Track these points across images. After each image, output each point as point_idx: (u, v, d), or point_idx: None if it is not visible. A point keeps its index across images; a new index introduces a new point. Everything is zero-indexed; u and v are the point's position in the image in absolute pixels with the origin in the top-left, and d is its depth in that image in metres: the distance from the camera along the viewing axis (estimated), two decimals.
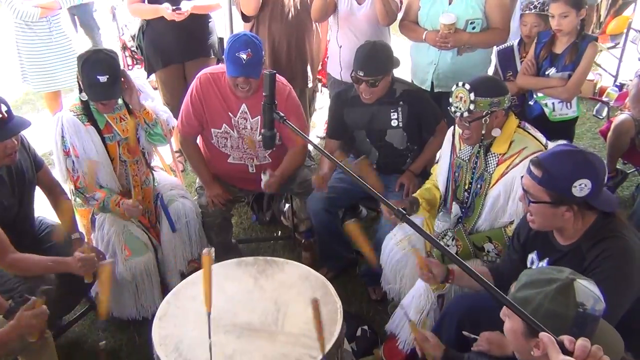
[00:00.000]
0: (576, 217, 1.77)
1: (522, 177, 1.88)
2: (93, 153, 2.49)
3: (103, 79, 2.35)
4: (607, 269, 1.69)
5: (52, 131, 2.51)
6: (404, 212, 1.40)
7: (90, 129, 2.50)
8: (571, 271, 1.41)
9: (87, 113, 2.50)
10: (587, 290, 1.36)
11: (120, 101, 2.57)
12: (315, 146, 1.73)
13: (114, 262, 2.49)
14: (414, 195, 2.56)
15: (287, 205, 3.41)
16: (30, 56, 3.87)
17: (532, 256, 1.97)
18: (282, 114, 1.74)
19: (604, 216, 1.78)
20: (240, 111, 2.73)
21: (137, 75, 2.82)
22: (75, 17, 5.06)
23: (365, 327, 2.66)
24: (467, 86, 2.18)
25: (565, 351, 1.01)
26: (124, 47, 4.73)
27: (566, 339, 1.03)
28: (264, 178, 2.71)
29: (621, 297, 1.69)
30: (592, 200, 1.74)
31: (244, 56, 2.51)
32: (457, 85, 2.23)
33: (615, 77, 4.91)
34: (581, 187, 1.69)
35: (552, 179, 1.72)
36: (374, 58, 2.60)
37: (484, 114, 2.19)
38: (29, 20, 3.72)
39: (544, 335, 1.03)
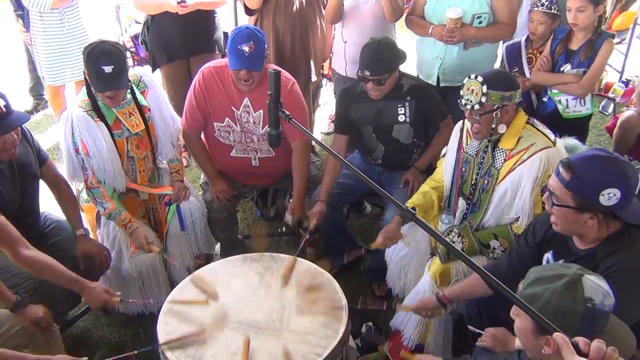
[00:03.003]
0: (600, 225, 1.70)
1: (549, 176, 1.81)
2: (103, 148, 2.46)
3: (108, 69, 2.33)
4: (618, 282, 1.60)
5: (61, 128, 2.49)
6: (414, 211, 1.39)
7: (100, 125, 2.47)
8: (579, 267, 1.40)
9: (95, 108, 2.47)
10: (596, 285, 1.35)
11: (129, 95, 2.54)
12: (319, 143, 1.72)
13: None
14: (408, 202, 2.52)
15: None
16: (40, 48, 3.85)
17: (547, 256, 1.94)
18: (287, 113, 1.72)
19: (628, 226, 1.71)
20: (242, 105, 2.71)
21: (144, 71, 2.77)
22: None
23: (370, 324, 2.66)
24: (480, 78, 2.15)
25: (580, 353, 1.00)
26: (124, 48, 4.71)
27: (581, 340, 1.02)
28: (289, 218, 2.89)
29: (630, 310, 1.62)
30: (618, 211, 1.67)
31: (246, 49, 2.49)
32: (469, 77, 2.19)
33: (621, 73, 4.89)
34: (609, 196, 1.62)
35: (580, 184, 1.65)
36: (380, 57, 2.57)
37: (495, 107, 2.17)
38: (40, 10, 3.70)
39: (557, 336, 1.02)
